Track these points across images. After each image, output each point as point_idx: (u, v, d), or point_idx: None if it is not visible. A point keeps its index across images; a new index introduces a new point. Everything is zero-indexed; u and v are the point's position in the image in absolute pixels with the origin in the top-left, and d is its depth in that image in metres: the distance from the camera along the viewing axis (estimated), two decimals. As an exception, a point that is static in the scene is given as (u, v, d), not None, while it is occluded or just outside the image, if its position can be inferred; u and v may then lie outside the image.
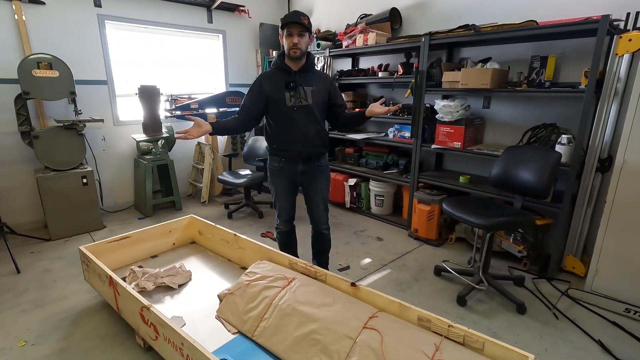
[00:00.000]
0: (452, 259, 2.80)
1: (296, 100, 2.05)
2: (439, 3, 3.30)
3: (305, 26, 1.96)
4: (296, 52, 1.98)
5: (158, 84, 3.69)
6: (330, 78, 2.26)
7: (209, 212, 3.88)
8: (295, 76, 2.05)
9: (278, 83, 2.05)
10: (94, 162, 3.61)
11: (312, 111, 2.08)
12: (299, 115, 2.06)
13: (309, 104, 2.07)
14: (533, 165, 2.23)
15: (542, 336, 1.96)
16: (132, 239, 2.50)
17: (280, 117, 2.09)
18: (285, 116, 2.07)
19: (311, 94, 2.07)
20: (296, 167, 2.17)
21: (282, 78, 2.05)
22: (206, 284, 2.27)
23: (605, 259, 2.23)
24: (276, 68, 2.09)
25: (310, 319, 1.65)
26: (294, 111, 2.05)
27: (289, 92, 2.04)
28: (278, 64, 2.08)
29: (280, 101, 2.05)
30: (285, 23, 1.95)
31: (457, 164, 3.43)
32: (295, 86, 2.04)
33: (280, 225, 2.36)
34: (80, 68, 3.42)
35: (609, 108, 2.29)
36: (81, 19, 3.41)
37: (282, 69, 2.06)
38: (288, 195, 2.26)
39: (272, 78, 2.08)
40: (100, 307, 2.18)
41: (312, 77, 2.10)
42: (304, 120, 2.08)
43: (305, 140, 2.10)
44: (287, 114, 2.06)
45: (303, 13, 1.98)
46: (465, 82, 2.73)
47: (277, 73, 2.08)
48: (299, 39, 1.96)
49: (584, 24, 2.16)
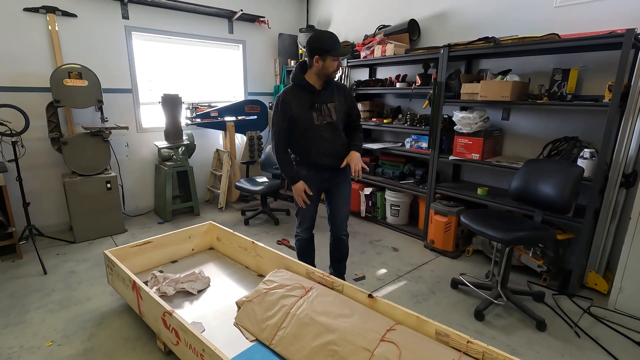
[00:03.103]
0: (469, 272, 2.77)
1: (323, 119, 2.10)
2: (458, 15, 3.31)
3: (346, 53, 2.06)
4: (334, 77, 2.09)
5: (180, 93, 3.80)
6: (348, 88, 2.30)
7: (226, 218, 3.95)
8: (320, 95, 2.10)
9: (303, 103, 2.08)
10: (117, 168, 3.73)
11: (337, 126, 2.16)
12: (326, 133, 2.12)
13: (334, 121, 2.13)
14: (554, 180, 2.20)
15: (564, 355, 1.92)
16: (153, 244, 2.58)
17: (307, 134, 2.12)
18: (313, 134, 2.11)
19: (335, 110, 2.13)
20: (322, 175, 2.23)
21: (306, 97, 2.09)
22: (224, 291, 2.31)
23: (630, 277, 2.17)
24: (297, 85, 2.10)
25: (328, 330, 1.66)
26: (321, 129, 2.11)
27: (314, 112, 2.09)
28: (300, 82, 2.09)
29: (307, 120, 2.09)
30: (337, 53, 2.01)
31: (475, 176, 3.40)
32: (319, 106, 2.09)
33: (301, 233, 2.38)
34: (108, 77, 3.57)
35: (634, 122, 2.24)
36: (110, 30, 3.56)
37: (304, 87, 2.09)
38: (312, 202, 2.26)
39: (296, 98, 2.09)
40: (123, 310, 2.24)
41: (333, 92, 2.15)
42: (330, 136, 2.14)
43: (333, 154, 2.17)
44: (315, 132, 2.11)
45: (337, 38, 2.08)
46: (485, 94, 2.72)
47: (300, 92, 2.09)
48: (338, 65, 2.06)
49: (608, 38, 2.14)
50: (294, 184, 2.16)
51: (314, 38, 2.04)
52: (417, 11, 3.62)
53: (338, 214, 2.33)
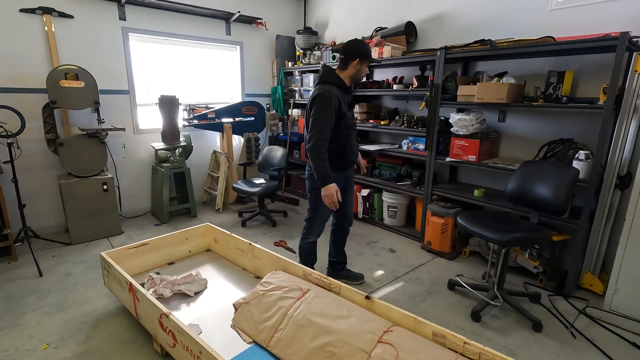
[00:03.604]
0: (466, 273, 2.78)
1: (352, 120, 2.28)
2: (455, 17, 3.33)
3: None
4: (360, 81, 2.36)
5: (177, 94, 3.80)
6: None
7: (223, 220, 3.94)
8: (350, 97, 2.29)
9: (344, 101, 2.19)
10: (114, 169, 3.72)
11: (355, 129, 2.35)
12: (354, 132, 2.32)
13: (355, 123, 2.34)
14: (550, 181, 2.22)
15: (559, 356, 1.93)
16: (150, 245, 2.57)
17: (345, 133, 2.22)
18: (349, 132, 2.25)
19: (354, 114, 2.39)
20: (346, 174, 2.37)
21: (346, 97, 2.22)
22: (221, 293, 2.31)
23: (625, 278, 2.19)
24: (338, 86, 2.18)
25: (325, 331, 1.66)
26: (351, 129, 2.28)
27: (350, 112, 2.26)
28: (341, 83, 2.20)
29: (348, 119, 2.22)
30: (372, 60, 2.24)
31: (471, 177, 3.41)
32: (350, 107, 2.28)
33: (313, 237, 2.44)
34: (104, 78, 3.56)
35: (629, 124, 2.27)
36: (107, 31, 3.55)
37: (345, 88, 2.23)
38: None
39: (340, 96, 2.16)
40: (119, 312, 2.23)
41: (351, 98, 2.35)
42: (354, 137, 2.32)
43: (356, 152, 2.38)
44: (350, 131, 2.27)
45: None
46: (481, 97, 2.74)
47: (340, 92, 2.18)
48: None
49: (602, 41, 2.16)
50: (327, 185, 2.07)
51: (358, 43, 2.20)
52: (414, 13, 3.64)
53: (350, 208, 2.54)
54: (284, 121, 4.86)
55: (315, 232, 2.43)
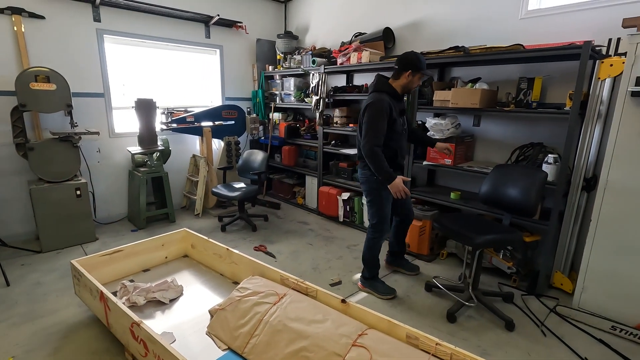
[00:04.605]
0: (443, 275, 2.83)
1: (403, 126, 2.45)
2: (431, 24, 3.41)
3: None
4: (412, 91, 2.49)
5: (155, 97, 3.73)
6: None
7: (202, 225, 3.89)
8: (402, 105, 2.46)
9: (395, 108, 2.36)
10: (88, 174, 3.61)
11: (405, 135, 2.52)
12: (403, 138, 2.48)
13: (406, 129, 2.51)
14: (520, 184, 2.29)
15: (530, 354, 1.98)
16: (124, 252, 2.51)
17: (395, 138, 2.40)
18: (399, 137, 2.43)
19: (406, 120, 2.51)
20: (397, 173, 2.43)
21: (397, 105, 2.39)
22: (198, 299, 2.27)
23: (592, 276, 2.27)
24: (390, 94, 2.36)
25: (300, 336, 1.66)
26: (402, 135, 2.45)
27: (401, 119, 2.42)
28: (394, 92, 2.38)
29: (399, 125, 2.39)
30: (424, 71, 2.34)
31: (448, 180, 3.49)
32: (401, 114, 2.44)
33: (385, 232, 2.52)
34: (78, 81, 3.47)
35: (593, 129, 2.36)
36: (80, 33, 3.47)
37: (397, 96, 2.40)
38: (390, 199, 2.48)
39: (392, 104, 2.33)
40: (91, 322, 2.17)
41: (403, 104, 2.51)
42: (404, 142, 2.50)
43: (405, 155, 2.58)
44: (401, 136, 2.44)
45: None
46: (456, 102, 2.81)
47: (392, 100, 2.35)
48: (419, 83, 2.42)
49: (567, 49, 2.25)
50: (392, 180, 2.29)
51: (412, 55, 2.34)
52: (392, 20, 3.71)
53: (408, 203, 2.69)
54: (265, 125, 4.84)
55: (385, 231, 2.53)
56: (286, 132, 4.49)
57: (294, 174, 4.81)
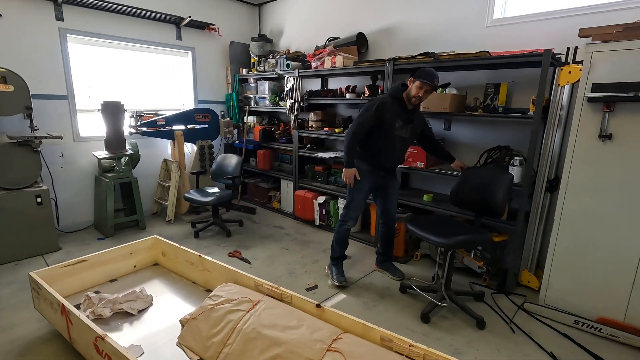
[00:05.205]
0: (417, 276, 2.88)
1: (400, 132, 2.52)
2: (403, 30, 3.48)
3: (434, 88, 2.39)
4: (416, 101, 2.42)
5: (123, 100, 3.60)
6: (423, 115, 2.74)
7: (174, 231, 3.77)
8: (407, 113, 2.51)
9: (395, 113, 2.47)
10: (50, 180, 3.42)
11: (407, 142, 2.62)
12: (398, 142, 2.55)
13: (407, 137, 2.58)
14: (489, 186, 2.37)
15: (500, 350, 2.04)
16: (89, 262, 2.39)
17: (384, 139, 2.52)
18: (388, 140, 2.52)
19: (411, 130, 2.57)
20: (380, 173, 2.65)
21: (397, 110, 2.48)
22: (168, 309, 2.19)
23: (556, 273, 2.38)
24: (394, 99, 2.49)
25: (275, 343, 1.63)
26: (397, 139, 2.53)
27: (398, 123, 2.49)
28: (398, 96, 2.48)
29: (390, 127, 2.48)
30: (422, 80, 2.36)
31: (421, 183, 3.56)
32: (403, 121, 2.50)
33: (349, 223, 2.71)
34: (38, 82, 3.29)
35: (554, 133, 2.48)
36: (41, 32, 3.30)
37: (400, 100, 2.48)
38: (364, 194, 2.67)
39: (390, 107, 2.46)
40: (51, 337, 2.04)
41: (415, 116, 2.56)
42: (399, 146, 2.58)
43: (394, 159, 2.65)
44: (391, 139, 2.52)
45: (437, 75, 2.38)
46: (427, 106, 2.87)
47: (394, 104, 2.48)
48: (424, 94, 2.39)
49: (529, 57, 2.36)
50: (349, 168, 2.52)
51: (424, 68, 2.43)
52: (365, 25, 3.76)
53: (391, 207, 2.78)
54: (239, 128, 4.78)
55: (354, 217, 2.71)
56: (261, 135, 4.44)
57: (270, 178, 4.77)
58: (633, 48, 1.95)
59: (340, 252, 2.78)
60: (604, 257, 2.18)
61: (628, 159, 2.05)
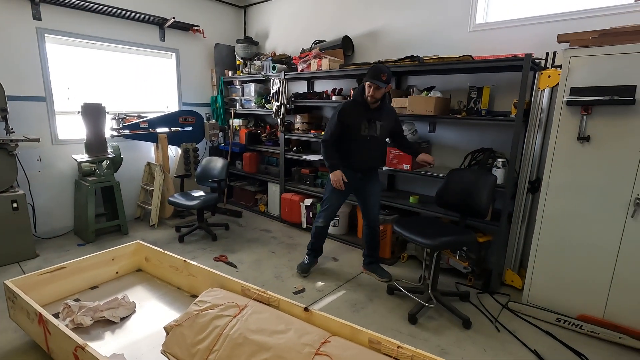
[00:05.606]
0: (404, 277, 2.90)
1: (368, 132, 2.57)
2: (388, 34, 3.52)
3: (383, 82, 2.40)
4: (372, 99, 2.47)
5: (104, 102, 3.51)
6: (395, 112, 2.77)
7: (158, 236, 3.69)
8: (371, 112, 2.55)
9: (357, 115, 2.55)
10: (27, 185, 3.30)
11: (378, 140, 2.64)
12: (368, 142, 2.60)
13: (377, 135, 2.60)
14: (473, 187, 2.41)
15: (486, 349, 2.07)
16: (69, 269, 2.31)
17: (353, 141, 2.60)
18: (357, 141, 2.59)
19: (380, 128, 2.59)
20: (356, 174, 2.69)
21: (360, 112, 2.55)
22: (152, 316, 2.14)
23: (538, 272, 2.43)
24: (356, 101, 2.58)
25: (262, 348, 1.61)
26: (365, 139, 2.58)
27: (364, 124, 2.55)
28: (358, 98, 2.56)
29: (356, 129, 2.56)
30: (369, 80, 2.41)
31: (407, 185, 3.59)
32: (368, 121, 2.55)
33: (321, 222, 2.82)
34: (15, 83, 3.18)
35: (535, 135, 2.55)
36: (17, 31, 3.19)
37: (361, 103, 2.54)
38: (342, 195, 2.75)
39: (353, 110, 2.57)
40: (28, 348, 1.96)
41: (382, 114, 2.59)
42: (371, 146, 2.63)
43: (368, 160, 2.68)
44: (360, 140, 2.59)
45: (383, 70, 2.41)
46: (412, 109, 2.91)
47: (357, 106, 2.56)
48: (375, 92, 2.44)
49: (510, 61, 2.42)
50: (334, 171, 2.60)
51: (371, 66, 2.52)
52: (351, 28, 3.78)
53: (372, 208, 2.79)
54: (224, 131, 4.73)
55: (323, 217, 2.81)
56: (247, 138, 4.40)
57: (256, 181, 4.73)
58: (608, 53, 2.02)
59: (312, 245, 2.93)
60: (583, 256, 2.24)
61: (605, 160, 2.11)
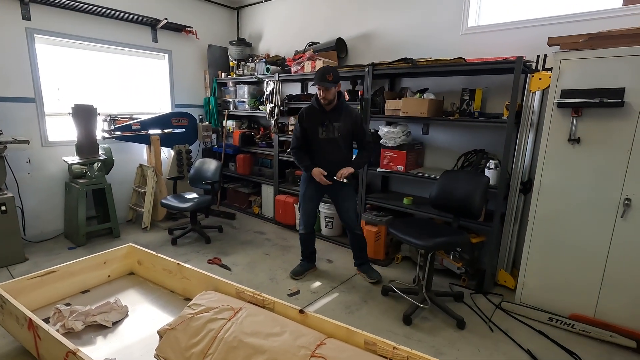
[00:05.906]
0: (399, 278, 2.90)
1: (326, 134, 2.62)
2: (381, 36, 3.54)
3: (330, 83, 2.44)
4: (324, 101, 2.54)
5: (95, 103, 3.47)
6: (357, 114, 2.74)
7: (151, 239, 3.65)
8: (327, 115, 2.60)
9: (314, 119, 2.63)
10: (16, 188, 3.25)
11: (338, 142, 2.65)
12: (327, 145, 2.64)
13: (335, 137, 2.63)
14: (466, 188, 2.43)
15: (480, 349, 2.08)
16: (59, 273, 2.27)
17: (314, 144, 2.67)
18: (318, 144, 2.66)
19: (338, 129, 2.61)
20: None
21: (317, 115, 2.62)
22: (145, 320, 2.11)
23: (531, 273, 2.46)
24: (313, 106, 2.64)
25: (257, 351, 1.60)
26: (324, 142, 2.63)
27: (321, 127, 2.61)
28: (314, 104, 2.63)
29: (314, 133, 2.63)
30: (315, 84, 2.49)
31: (401, 186, 3.61)
32: (326, 123, 2.60)
33: (301, 230, 2.86)
34: (3, 84, 3.14)
35: (527, 137, 2.58)
36: (6, 32, 3.13)
37: (317, 108, 2.61)
38: (313, 200, 2.81)
39: (310, 114, 2.65)
40: (18, 354, 1.92)
41: (341, 115, 2.62)
42: (331, 149, 2.65)
43: (331, 163, 2.64)
44: (319, 143, 2.65)
45: (329, 70, 2.46)
46: (406, 111, 2.93)
47: (314, 110, 2.64)
48: (325, 93, 2.50)
49: (502, 63, 2.45)
50: (311, 171, 2.65)
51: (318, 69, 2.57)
52: (345, 30, 3.80)
53: (346, 213, 2.79)
54: (218, 133, 4.70)
55: (303, 224, 2.85)
56: (241, 140, 4.39)
57: (250, 183, 4.71)
58: (598, 57, 2.06)
59: (302, 252, 2.97)
60: (575, 256, 2.28)
61: (595, 162, 2.15)
